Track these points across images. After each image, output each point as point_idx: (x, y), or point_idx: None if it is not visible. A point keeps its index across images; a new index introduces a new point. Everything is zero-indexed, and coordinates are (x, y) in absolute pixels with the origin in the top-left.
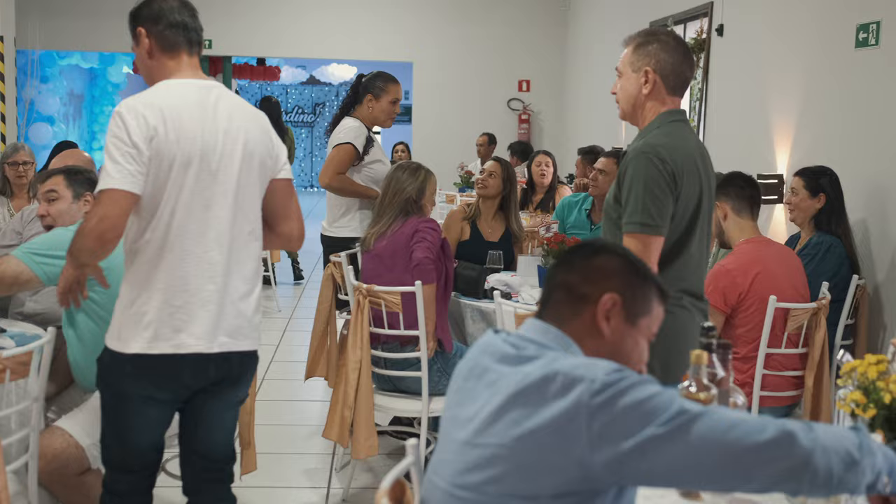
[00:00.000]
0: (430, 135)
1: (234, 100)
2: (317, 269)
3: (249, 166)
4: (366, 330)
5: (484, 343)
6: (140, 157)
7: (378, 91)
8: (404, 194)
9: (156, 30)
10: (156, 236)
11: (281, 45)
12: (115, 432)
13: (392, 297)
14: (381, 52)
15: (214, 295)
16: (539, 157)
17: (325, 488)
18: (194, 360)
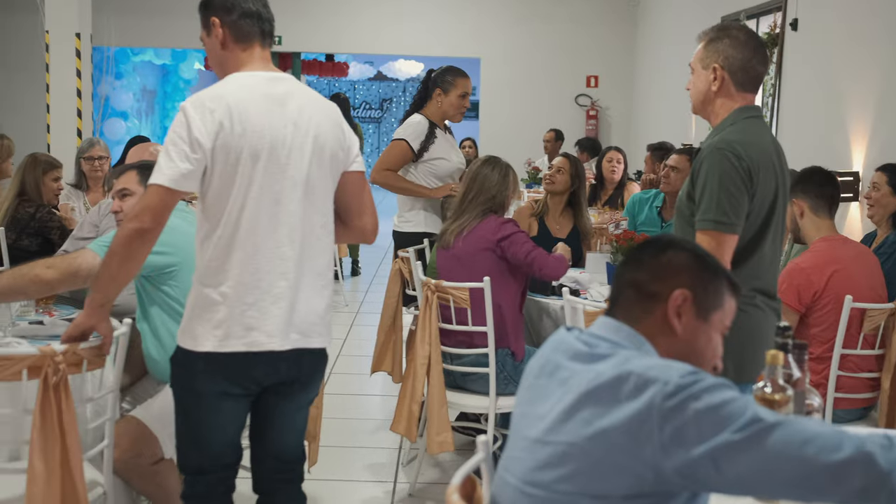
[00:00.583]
0: (497, 131)
1: (305, 92)
2: (383, 263)
3: (320, 159)
4: (434, 326)
5: (556, 340)
6: (197, 155)
7: (447, 85)
8: (490, 192)
9: (229, 19)
10: (226, 232)
11: (349, 41)
12: (190, 433)
13: (460, 294)
14: (448, 47)
15: (287, 291)
16: (610, 153)
17: (391, 483)
18: (266, 358)
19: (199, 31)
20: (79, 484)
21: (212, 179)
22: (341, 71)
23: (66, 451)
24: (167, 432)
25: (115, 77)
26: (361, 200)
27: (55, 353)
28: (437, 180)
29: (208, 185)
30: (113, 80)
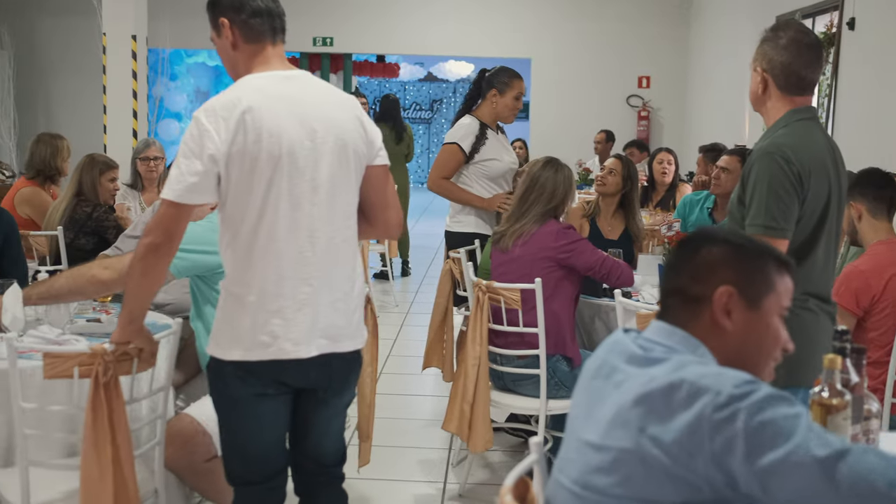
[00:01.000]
0: (547, 132)
1: (322, 89)
2: (433, 264)
3: (342, 157)
4: (485, 326)
5: (613, 342)
6: (206, 167)
7: (503, 86)
8: (550, 196)
9: (239, 19)
10: (246, 240)
11: (400, 42)
12: (233, 442)
13: (512, 294)
14: (498, 48)
15: (311, 297)
16: (660, 154)
17: (441, 483)
18: (294, 365)
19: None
20: (129, 481)
21: (228, 188)
22: (392, 72)
23: (117, 448)
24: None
25: (170, 78)
26: (385, 195)
27: (105, 351)
28: (489, 181)
29: (226, 193)
30: (167, 81)
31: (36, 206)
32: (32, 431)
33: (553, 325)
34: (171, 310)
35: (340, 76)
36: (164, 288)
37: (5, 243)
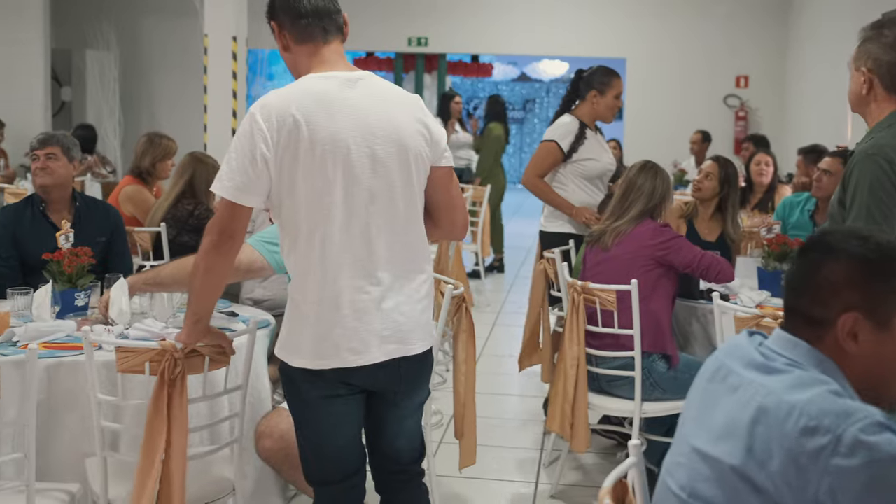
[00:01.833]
0: (642, 132)
1: (384, 90)
2: (525, 263)
3: (402, 161)
4: (582, 327)
5: (734, 345)
6: (258, 167)
7: (603, 86)
8: (647, 198)
9: (288, 21)
10: (304, 248)
11: (494, 41)
12: (308, 442)
13: (607, 296)
14: (592, 48)
15: (372, 304)
16: (758, 155)
17: (533, 483)
18: (361, 370)
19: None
20: (175, 478)
21: (281, 192)
22: (486, 71)
23: (170, 445)
24: None
25: (267, 78)
26: (450, 196)
27: (175, 349)
28: (586, 181)
29: (278, 198)
30: (265, 81)
31: (138, 204)
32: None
33: (651, 324)
34: (268, 305)
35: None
36: (263, 284)
37: (112, 239)
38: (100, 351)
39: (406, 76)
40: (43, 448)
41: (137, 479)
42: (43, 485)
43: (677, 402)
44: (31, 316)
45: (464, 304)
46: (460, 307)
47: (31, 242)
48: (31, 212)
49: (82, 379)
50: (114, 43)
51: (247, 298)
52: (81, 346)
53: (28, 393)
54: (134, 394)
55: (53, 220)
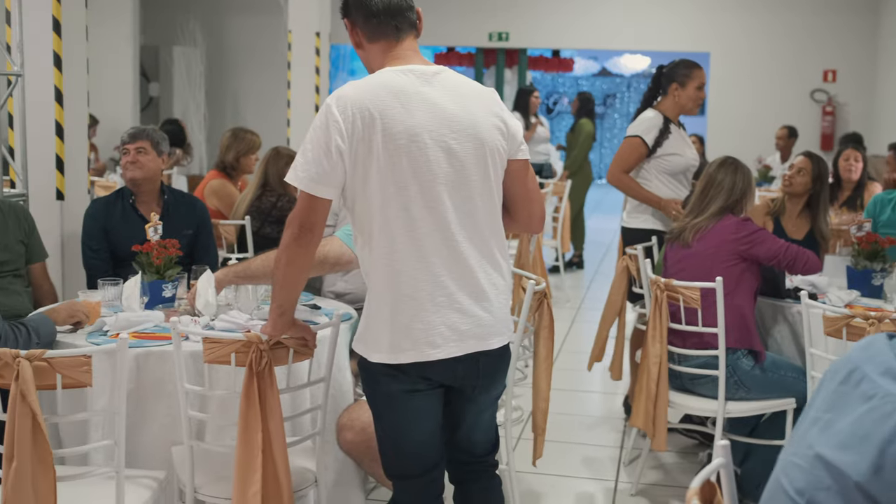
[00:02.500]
0: (726, 127)
1: (460, 84)
2: (606, 259)
3: (479, 155)
4: (664, 324)
5: (871, 347)
6: (334, 157)
7: (684, 78)
8: (728, 194)
9: (360, 19)
10: (378, 244)
11: (575, 36)
12: (388, 437)
13: (691, 293)
14: (675, 42)
15: (450, 298)
16: (847, 151)
17: (612, 481)
18: (440, 364)
19: (428, 29)
20: (280, 468)
21: (355, 186)
22: (567, 66)
23: (269, 435)
24: None
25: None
26: (527, 188)
27: (261, 340)
28: (670, 177)
29: (353, 192)
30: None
31: (223, 198)
32: (195, 412)
33: (737, 319)
34: (350, 299)
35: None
36: (345, 277)
37: (198, 231)
38: (186, 341)
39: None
40: (131, 436)
41: (238, 471)
42: (131, 471)
43: (762, 403)
44: (121, 306)
45: (545, 299)
46: (542, 303)
47: (120, 234)
48: (121, 205)
49: (170, 368)
50: (200, 39)
51: (329, 291)
52: (169, 336)
53: (118, 382)
54: (219, 384)
55: (142, 212)
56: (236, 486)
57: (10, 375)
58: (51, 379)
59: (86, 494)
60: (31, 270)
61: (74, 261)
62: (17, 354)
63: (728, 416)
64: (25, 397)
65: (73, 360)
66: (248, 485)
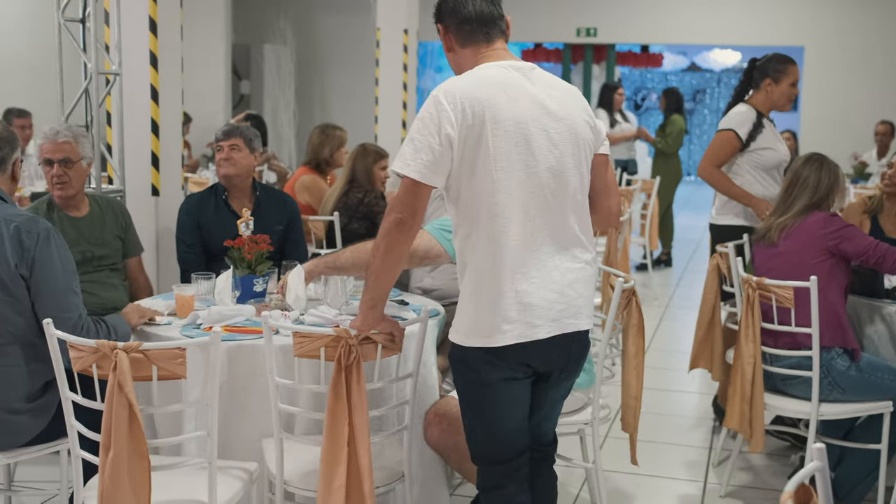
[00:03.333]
0: (819, 122)
1: (552, 79)
2: (694, 256)
3: (574, 146)
4: (757, 324)
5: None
6: (443, 146)
7: (777, 74)
8: (814, 191)
9: (453, 25)
10: (482, 228)
11: (664, 31)
12: (481, 425)
13: (784, 292)
14: (768, 36)
15: (550, 281)
16: None
17: (701, 482)
18: (537, 346)
19: (518, 25)
20: (364, 464)
21: (461, 173)
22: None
23: (353, 430)
24: None
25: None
26: (607, 182)
27: (350, 335)
28: (763, 172)
29: (458, 179)
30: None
31: (314, 193)
32: (285, 406)
33: (831, 317)
34: (437, 295)
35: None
36: (432, 273)
37: (289, 227)
38: (277, 335)
39: (574, 67)
40: (224, 427)
41: (324, 464)
42: (223, 462)
43: (858, 405)
44: (214, 300)
45: (634, 297)
46: (630, 300)
47: (213, 230)
48: (214, 201)
49: (260, 362)
50: (290, 37)
51: (416, 288)
52: (260, 330)
53: (212, 374)
54: (309, 378)
55: (235, 208)
56: (322, 479)
57: (109, 366)
58: (147, 370)
59: (179, 484)
60: (128, 265)
61: (169, 255)
62: (115, 346)
63: (822, 418)
64: (123, 388)
65: (169, 353)
66: (332, 478)
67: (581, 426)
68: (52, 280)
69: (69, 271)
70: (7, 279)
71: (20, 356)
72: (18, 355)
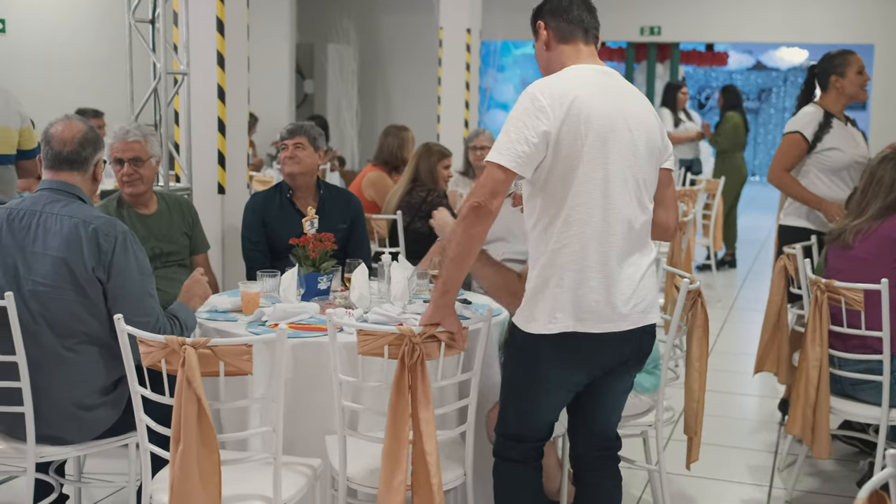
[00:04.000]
0: (890, 123)
1: (632, 87)
2: (759, 258)
3: (650, 152)
4: (825, 327)
5: None
6: (537, 140)
7: (840, 68)
8: (889, 189)
9: (554, 23)
10: (568, 218)
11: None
12: (517, 409)
13: (854, 295)
14: (835, 34)
15: (625, 276)
16: None
17: (766, 487)
18: (616, 339)
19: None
20: (431, 461)
21: (553, 168)
22: (721, 60)
23: (418, 428)
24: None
25: (498, 70)
26: (669, 196)
27: (413, 333)
28: (830, 173)
29: (547, 174)
30: (496, 72)
31: (379, 190)
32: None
33: None
34: None
35: (667, 65)
36: None
37: (352, 226)
38: (341, 333)
39: (637, 66)
40: (288, 423)
41: (385, 460)
42: (288, 458)
43: None
44: (279, 297)
45: (699, 298)
46: (696, 302)
47: (278, 228)
48: (278, 199)
49: (325, 359)
50: (354, 36)
51: (480, 287)
52: (324, 327)
53: (277, 370)
54: (372, 376)
55: (299, 206)
56: (383, 475)
57: (177, 362)
58: (214, 366)
59: (244, 479)
60: (195, 261)
61: (234, 253)
62: (183, 342)
63: (892, 423)
64: (191, 383)
65: (235, 349)
66: (393, 474)
67: (645, 428)
68: (129, 285)
69: (146, 275)
70: (84, 281)
71: (94, 354)
72: (93, 353)
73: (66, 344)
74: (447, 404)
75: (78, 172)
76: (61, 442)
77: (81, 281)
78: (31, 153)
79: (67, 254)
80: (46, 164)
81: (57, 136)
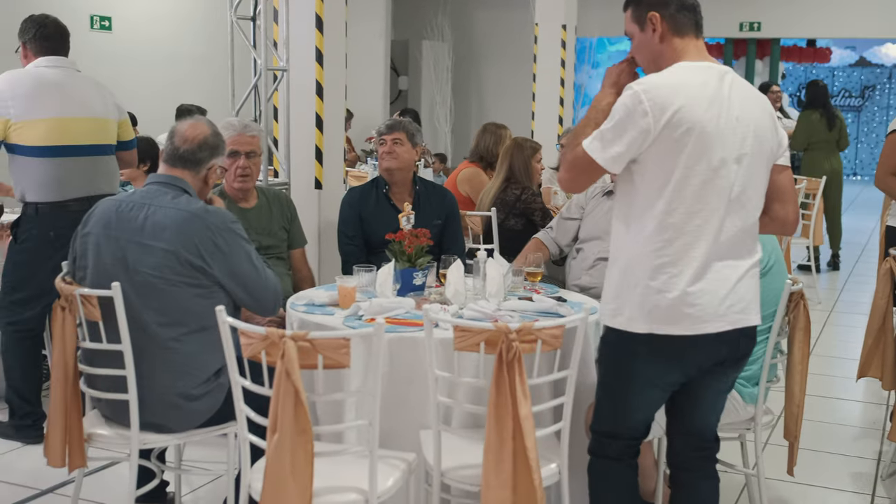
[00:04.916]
0: None
1: (744, 84)
2: (861, 259)
3: (758, 151)
4: None
5: None
6: (637, 140)
7: None
8: None
9: (667, 13)
10: (663, 218)
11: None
12: (611, 407)
13: None
14: None
15: (723, 277)
16: None
17: (868, 495)
18: (710, 340)
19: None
20: (531, 457)
21: (646, 167)
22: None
23: (519, 424)
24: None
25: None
26: (784, 190)
27: (509, 329)
28: None
29: (644, 169)
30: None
31: (475, 185)
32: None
33: None
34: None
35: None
36: (589, 271)
37: (447, 221)
38: (437, 328)
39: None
40: (383, 417)
41: (487, 457)
42: (383, 452)
43: None
44: (375, 292)
45: (802, 300)
46: (798, 304)
47: (374, 223)
48: (375, 194)
49: (421, 354)
50: (448, 33)
51: (573, 285)
52: (420, 322)
53: (374, 364)
54: (468, 372)
55: (395, 202)
56: (485, 472)
57: (277, 354)
58: (312, 359)
59: (339, 471)
60: (292, 255)
61: (331, 247)
62: (283, 334)
63: None
64: (290, 375)
65: (333, 342)
66: (497, 471)
67: (742, 430)
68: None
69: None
70: (194, 271)
71: (200, 345)
72: (199, 344)
73: (171, 334)
74: (543, 402)
75: (190, 171)
76: (163, 430)
77: (191, 271)
78: (129, 144)
79: (177, 245)
80: (164, 158)
81: (180, 133)
